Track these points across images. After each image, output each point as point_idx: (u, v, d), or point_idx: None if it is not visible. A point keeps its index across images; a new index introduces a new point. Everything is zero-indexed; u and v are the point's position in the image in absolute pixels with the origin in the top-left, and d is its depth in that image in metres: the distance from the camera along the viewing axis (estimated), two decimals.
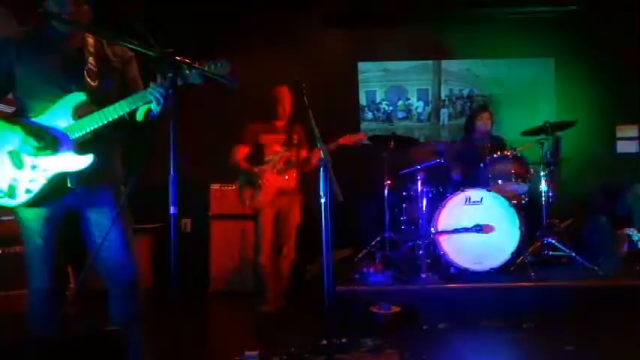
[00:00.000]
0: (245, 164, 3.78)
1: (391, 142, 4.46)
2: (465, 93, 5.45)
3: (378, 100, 5.48)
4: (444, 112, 5.46)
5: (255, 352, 2.75)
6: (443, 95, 5.45)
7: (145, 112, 2.18)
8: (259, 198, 3.71)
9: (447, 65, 5.45)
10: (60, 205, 2.15)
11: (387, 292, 3.64)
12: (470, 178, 4.45)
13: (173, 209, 1.79)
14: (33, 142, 2.04)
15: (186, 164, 1.97)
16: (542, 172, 4.19)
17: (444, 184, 4.37)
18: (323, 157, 2.43)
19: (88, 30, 2.18)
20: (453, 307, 3.54)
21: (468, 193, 4.00)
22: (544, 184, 4.18)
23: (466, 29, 5.30)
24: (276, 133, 3.84)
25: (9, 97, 2.21)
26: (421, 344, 3.03)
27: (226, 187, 4.59)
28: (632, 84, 5.23)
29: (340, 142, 3.58)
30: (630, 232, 4.40)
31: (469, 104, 5.40)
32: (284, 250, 3.83)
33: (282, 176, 3.75)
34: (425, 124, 5.48)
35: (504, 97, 5.42)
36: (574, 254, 3.94)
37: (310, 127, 2.56)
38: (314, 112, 2.60)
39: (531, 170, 4.23)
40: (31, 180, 2.08)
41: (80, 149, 2.10)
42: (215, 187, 4.71)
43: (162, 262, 4.44)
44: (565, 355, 2.80)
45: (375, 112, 5.48)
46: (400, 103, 5.48)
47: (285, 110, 3.82)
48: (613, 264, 4.11)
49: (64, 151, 2.09)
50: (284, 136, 3.84)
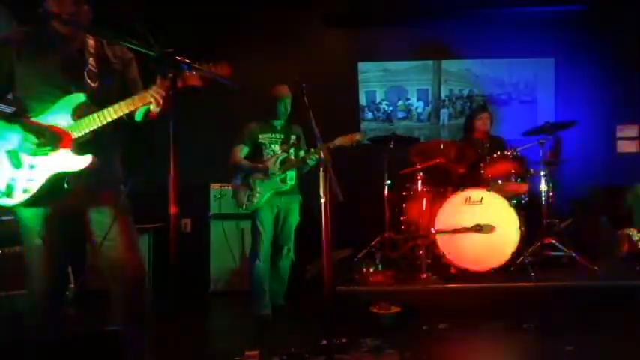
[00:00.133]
0: (247, 162, 3.72)
1: (391, 142, 4.46)
2: (465, 93, 5.45)
3: (378, 100, 5.48)
4: (444, 112, 5.46)
5: (255, 352, 2.75)
6: (443, 95, 5.45)
7: (144, 112, 2.18)
8: (254, 199, 3.65)
9: (447, 65, 5.44)
10: (59, 205, 2.14)
11: (387, 292, 3.64)
12: (470, 178, 4.46)
13: (173, 209, 1.79)
14: (32, 141, 2.04)
15: (186, 164, 1.97)
16: (542, 172, 4.18)
17: (444, 184, 4.37)
18: (323, 157, 2.43)
19: (87, 30, 2.18)
20: (453, 307, 3.54)
21: (467, 193, 4.01)
22: (544, 184, 4.18)
23: (466, 29, 5.29)
24: (274, 132, 3.79)
25: (9, 97, 2.21)
26: (421, 344, 3.03)
27: (226, 187, 4.58)
28: (632, 84, 5.23)
29: (338, 143, 3.51)
30: (630, 232, 4.40)
31: (469, 104, 5.40)
32: (284, 250, 3.81)
33: (279, 177, 3.67)
34: (425, 124, 5.48)
35: (504, 97, 5.42)
36: (574, 254, 3.94)
37: (310, 127, 2.56)
38: (314, 112, 2.60)
39: (531, 170, 4.23)
40: (30, 180, 2.07)
41: (79, 149, 2.10)
42: (215, 187, 4.71)
43: (162, 262, 4.45)
44: (565, 355, 2.80)
45: (375, 112, 5.48)
46: (400, 103, 5.48)
47: (285, 109, 3.78)
48: (613, 264, 4.12)
49: (63, 151, 2.09)
50: (282, 136, 3.79)
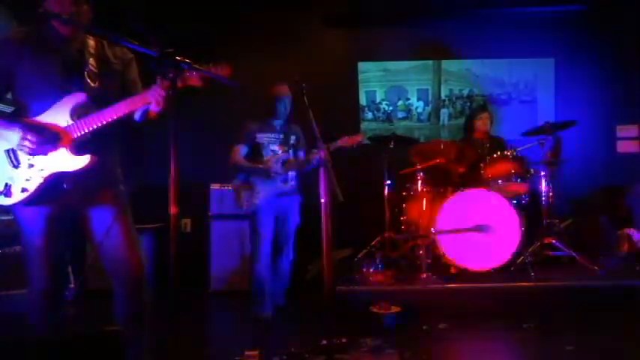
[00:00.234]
0: (247, 163, 3.68)
1: (391, 142, 4.46)
2: (465, 93, 5.44)
3: (378, 100, 5.48)
4: (444, 112, 5.46)
5: (255, 352, 2.75)
6: (443, 95, 5.45)
7: (143, 113, 2.17)
8: (256, 200, 3.62)
9: (447, 65, 5.44)
10: (58, 205, 2.13)
11: (387, 292, 3.64)
12: (470, 178, 4.46)
13: (173, 209, 1.79)
14: (31, 141, 2.04)
15: (186, 164, 1.97)
16: (542, 172, 4.18)
17: (444, 184, 4.37)
18: (323, 157, 2.44)
19: (87, 30, 2.18)
20: (453, 307, 3.54)
21: (467, 193, 4.01)
22: (544, 184, 4.18)
23: (466, 29, 5.29)
24: (274, 132, 3.76)
25: (8, 96, 2.21)
26: (421, 344, 3.03)
27: (226, 187, 4.58)
28: (632, 84, 5.22)
29: (339, 144, 3.50)
30: (630, 232, 4.40)
31: (469, 104, 5.39)
32: (284, 251, 3.79)
33: (280, 178, 3.65)
34: (425, 124, 5.48)
35: (504, 97, 5.42)
36: (574, 254, 3.94)
37: (311, 127, 2.56)
38: (314, 112, 2.60)
39: (531, 170, 4.23)
40: (27, 179, 2.07)
41: (78, 149, 2.10)
42: (215, 187, 4.71)
43: (162, 262, 4.44)
44: (565, 355, 2.80)
45: (375, 112, 5.48)
46: (400, 103, 5.48)
47: (285, 109, 3.74)
48: (613, 264, 4.12)
49: (62, 151, 2.09)
50: (282, 136, 3.76)
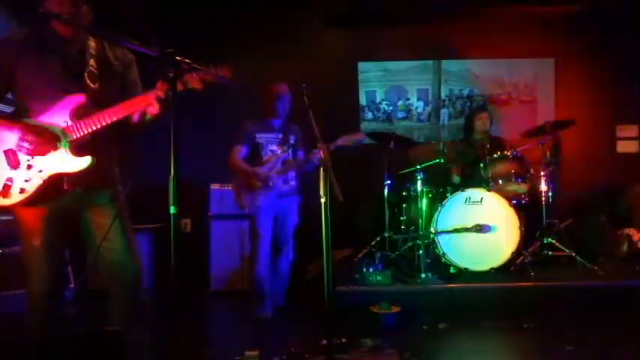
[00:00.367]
0: (245, 166, 3.67)
1: (391, 142, 4.46)
2: (465, 93, 5.44)
3: (378, 100, 5.48)
4: (444, 112, 5.46)
5: (255, 352, 2.75)
6: (443, 95, 5.45)
7: (142, 114, 2.17)
8: (258, 203, 3.61)
9: (447, 65, 5.44)
10: (57, 206, 2.14)
11: (387, 292, 3.64)
12: (470, 178, 4.46)
13: (173, 209, 1.79)
14: (30, 141, 2.04)
15: (186, 164, 1.97)
16: (542, 172, 4.18)
17: (444, 184, 4.36)
18: (323, 157, 2.43)
19: (87, 30, 2.18)
20: (453, 307, 3.54)
21: (467, 193, 4.01)
22: (544, 184, 4.18)
23: (466, 29, 5.30)
24: (272, 131, 3.75)
25: (9, 96, 2.21)
26: (421, 344, 3.03)
27: (226, 187, 4.58)
28: (632, 84, 5.22)
29: (339, 143, 3.47)
30: (630, 232, 4.40)
31: (469, 104, 5.39)
32: (283, 251, 3.79)
33: (280, 178, 3.65)
34: (425, 124, 5.48)
35: (504, 97, 5.42)
36: (574, 254, 3.94)
37: (310, 127, 2.56)
38: (314, 112, 2.60)
39: (531, 170, 4.23)
40: (26, 180, 2.07)
41: (78, 151, 2.10)
42: (215, 187, 4.71)
43: (162, 262, 4.44)
44: (565, 355, 2.80)
45: (375, 112, 5.48)
46: (400, 103, 5.48)
47: (285, 108, 3.73)
48: (613, 264, 4.12)
49: (61, 152, 2.09)
50: (281, 136, 3.75)
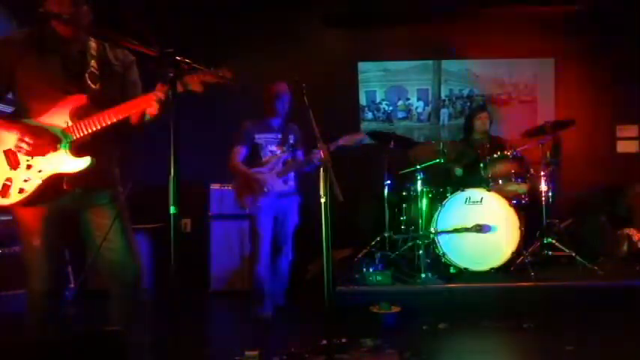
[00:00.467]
0: (244, 169, 3.65)
1: (391, 142, 4.46)
2: (465, 93, 5.44)
3: (378, 100, 5.48)
4: (444, 112, 5.46)
5: (255, 352, 2.75)
6: (443, 95, 5.45)
7: (141, 115, 2.17)
8: (259, 204, 3.60)
9: (447, 65, 5.44)
10: (56, 206, 2.14)
11: (387, 292, 3.64)
12: (470, 178, 4.46)
13: (173, 209, 1.79)
14: (30, 142, 2.04)
15: (186, 164, 1.97)
16: (542, 172, 4.18)
17: (444, 184, 4.37)
18: (323, 157, 2.43)
19: (88, 31, 2.18)
20: (453, 307, 3.54)
21: (467, 193, 4.01)
22: (544, 184, 4.18)
23: (466, 29, 5.29)
24: (271, 131, 3.73)
25: (9, 96, 2.21)
26: (421, 344, 3.03)
27: (226, 187, 4.57)
28: (632, 84, 5.22)
29: (340, 143, 3.45)
30: (630, 232, 4.40)
31: (469, 104, 5.39)
32: (283, 251, 3.78)
33: (280, 178, 3.65)
34: (425, 124, 5.48)
35: (504, 97, 5.42)
36: (574, 254, 3.94)
37: (310, 128, 2.56)
38: (314, 112, 2.59)
39: (531, 170, 4.23)
40: (25, 180, 2.07)
41: (77, 151, 2.10)
42: (215, 187, 4.71)
43: (162, 262, 4.44)
44: (565, 355, 2.80)
45: (375, 112, 5.48)
46: (400, 103, 5.48)
47: (284, 108, 3.71)
48: (613, 264, 4.12)
49: (60, 153, 2.09)
50: (280, 136, 3.74)
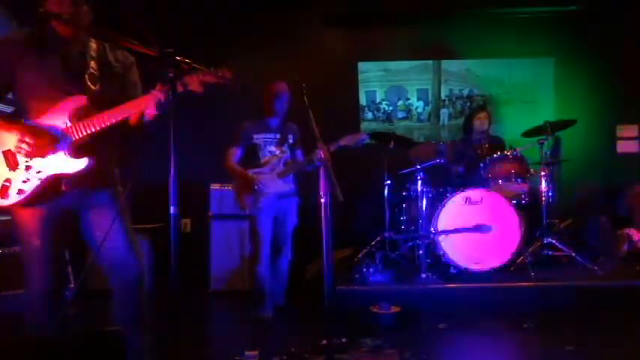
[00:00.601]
0: (239, 169, 3.62)
1: (391, 142, 4.46)
2: (465, 93, 5.44)
3: (378, 100, 5.48)
4: (444, 112, 5.46)
5: (255, 352, 2.75)
6: (443, 95, 5.45)
7: (140, 115, 2.16)
8: (260, 204, 3.55)
9: (447, 65, 5.44)
10: (56, 206, 2.13)
11: (387, 292, 3.64)
12: (470, 178, 4.46)
13: (173, 209, 1.79)
14: (29, 142, 2.04)
15: (186, 164, 1.97)
16: (542, 172, 4.18)
17: (444, 184, 4.37)
18: (323, 157, 2.43)
19: (88, 32, 2.18)
20: (453, 307, 3.54)
21: (467, 193, 4.01)
22: (544, 184, 4.18)
23: (466, 29, 5.29)
24: (270, 132, 3.69)
25: (9, 96, 2.21)
26: (421, 344, 3.02)
27: (226, 187, 4.57)
28: (632, 84, 5.22)
29: (341, 144, 3.39)
30: (630, 232, 4.40)
31: (469, 104, 5.39)
32: (282, 252, 3.75)
33: (280, 179, 3.61)
34: (425, 124, 5.48)
35: (504, 97, 5.42)
36: (574, 254, 3.95)
37: (310, 128, 2.56)
38: (314, 112, 2.60)
39: (531, 170, 4.23)
40: (24, 181, 2.07)
41: (76, 152, 2.10)
42: (215, 187, 4.71)
43: (162, 262, 4.44)
44: (565, 355, 2.80)
45: (375, 112, 5.48)
46: (400, 103, 5.48)
47: (283, 107, 3.68)
48: (613, 264, 4.12)
49: (60, 154, 2.09)
50: (279, 136, 3.70)
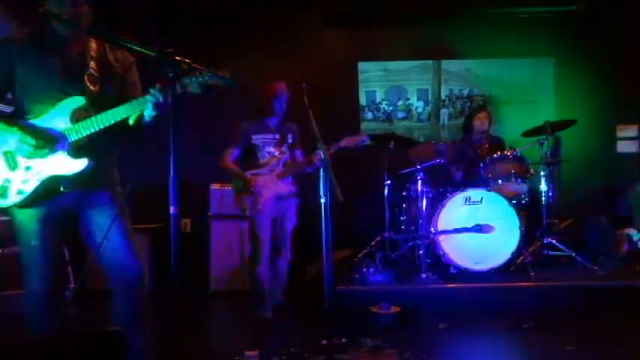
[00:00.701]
0: (235, 169, 3.59)
1: (391, 142, 4.45)
2: (465, 93, 5.44)
3: (378, 100, 5.48)
4: (444, 112, 5.46)
5: (255, 352, 2.75)
6: (443, 95, 5.45)
7: (138, 117, 2.15)
8: (259, 205, 3.50)
9: (447, 65, 5.44)
10: (55, 206, 2.13)
11: (387, 292, 3.64)
12: (470, 178, 4.46)
13: (173, 209, 1.79)
14: (29, 143, 2.03)
15: (186, 164, 1.97)
16: (542, 172, 4.19)
17: (444, 184, 4.37)
18: (323, 157, 2.44)
19: (88, 31, 2.17)
20: (453, 307, 3.54)
21: (467, 193, 4.01)
22: (544, 184, 4.18)
23: (466, 29, 5.29)
24: (269, 132, 3.66)
25: (9, 96, 2.21)
26: (421, 344, 3.02)
27: (226, 187, 4.57)
28: (632, 84, 5.22)
29: (341, 145, 3.36)
30: (630, 232, 4.40)
31: (469, 104, 5.39)
32: (282, 252, 3.74)
33: (280, 180, 3.58)
34: (425, 124, 5.48)
35: (504, 97, 5.42)
36: (574, 254, 3.95)
37: (311, 128, 2.56)
38: (314, 112, 2.60)
39: (531, 170, 4.23)
40: (24, 181, 2.07)
41: (75, 153, 2.10)
42: (215, 187, 4.71)
43: (162, 262, 4.44)
44: (565, 355, 2.80)
45: (375, 112, 5.48)
46: (400, 103, 5.48)
47: (282, 107, 3.65)
48: (613, 264, 4.12)
49: (59, 154, 2.09)
50: (278, 136, 3.67)
